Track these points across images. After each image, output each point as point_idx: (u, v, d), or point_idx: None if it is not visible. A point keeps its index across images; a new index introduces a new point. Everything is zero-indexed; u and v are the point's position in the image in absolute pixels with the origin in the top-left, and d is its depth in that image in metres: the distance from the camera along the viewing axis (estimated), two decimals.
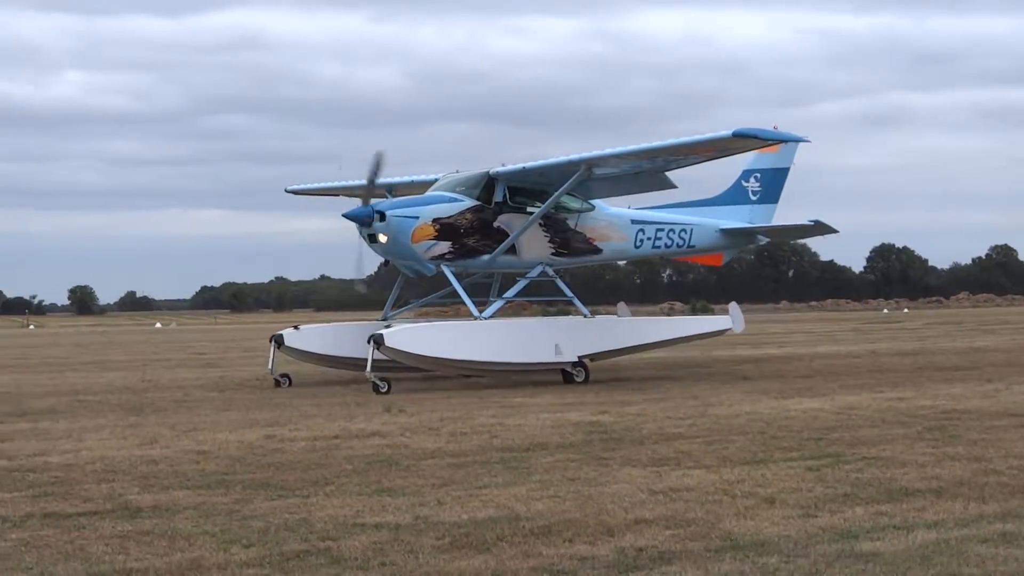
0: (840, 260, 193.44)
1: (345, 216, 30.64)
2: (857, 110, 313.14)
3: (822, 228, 37.55)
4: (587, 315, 33.29)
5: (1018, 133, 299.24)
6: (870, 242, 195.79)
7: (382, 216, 30.40)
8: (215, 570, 10.71)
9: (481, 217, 31.45)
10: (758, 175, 37.56)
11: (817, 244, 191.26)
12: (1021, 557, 10.63)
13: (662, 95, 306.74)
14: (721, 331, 36.34)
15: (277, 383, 31.10)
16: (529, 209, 31.81)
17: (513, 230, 31.54)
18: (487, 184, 31.71)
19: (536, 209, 31.62)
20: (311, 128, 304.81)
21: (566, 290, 32.73)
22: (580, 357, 31.18)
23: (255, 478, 15.65)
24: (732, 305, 36.09)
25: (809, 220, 37.49)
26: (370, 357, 28.58)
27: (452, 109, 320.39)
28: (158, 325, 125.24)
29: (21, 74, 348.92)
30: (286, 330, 33.04)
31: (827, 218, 36.40)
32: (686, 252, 36.91)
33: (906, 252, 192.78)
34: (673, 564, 10.62)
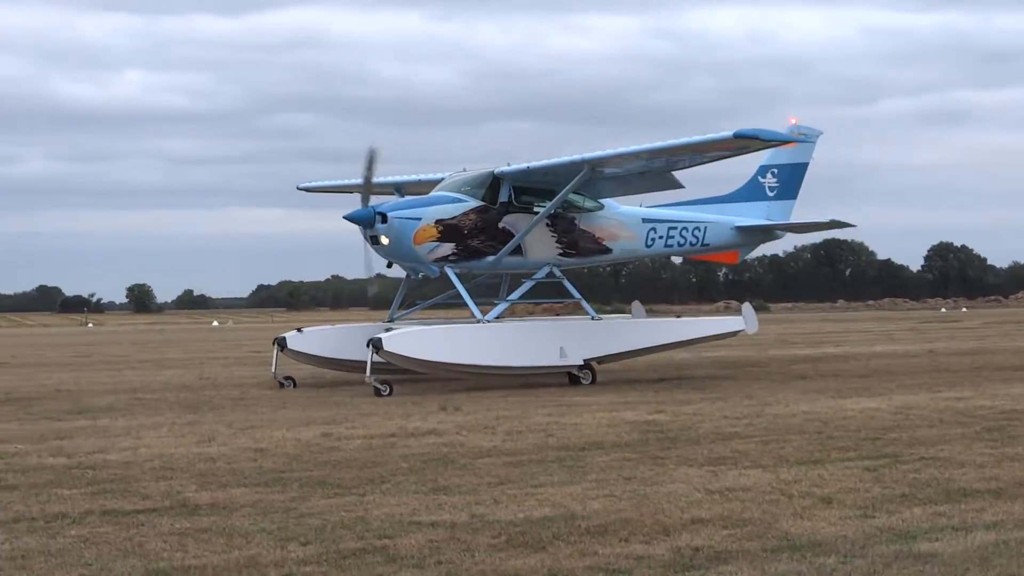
0: (897, 259, 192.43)
1: (346, 218, 30.10)
2: (920, 108, 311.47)
3: (838, 224, 37.32)
4: (594, 317, 32.53)
5: None
6: (928, 240, 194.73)
7: (384, 218, 29.79)
8: (272, 567, 10.76)
9: (486, 218, 30.78)
10: (775, 171, 36.78)
11: (874, 242, 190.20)
12: None
13: (723, 93, 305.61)
14: (734, 332, 35.11)
15: (281, 385, 30.69)
16: (535, 209, 31.14)
17: (519, 231, 30.96)
18: (492, 184, 31.04)
19: (543, 209, 31.00)
20: (370, 127, 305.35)
21: (573, 291, 32.10)
22: (586, 360, 30.59)
23: (312, 476, 15.70)
24: (745, 306, 35.28)
25: (823, 220, 37.62)
26: (369, 361, 28.08)
27: (511, 107, 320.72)
28: (215, 323, 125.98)
29: (84, 74, 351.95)
30: (289, 333, 32.64)
31: (885, 217, 36.29)
32: (700, 250, 35.98)
33: (964, 251, 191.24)
34: (730, 564, 10.59)
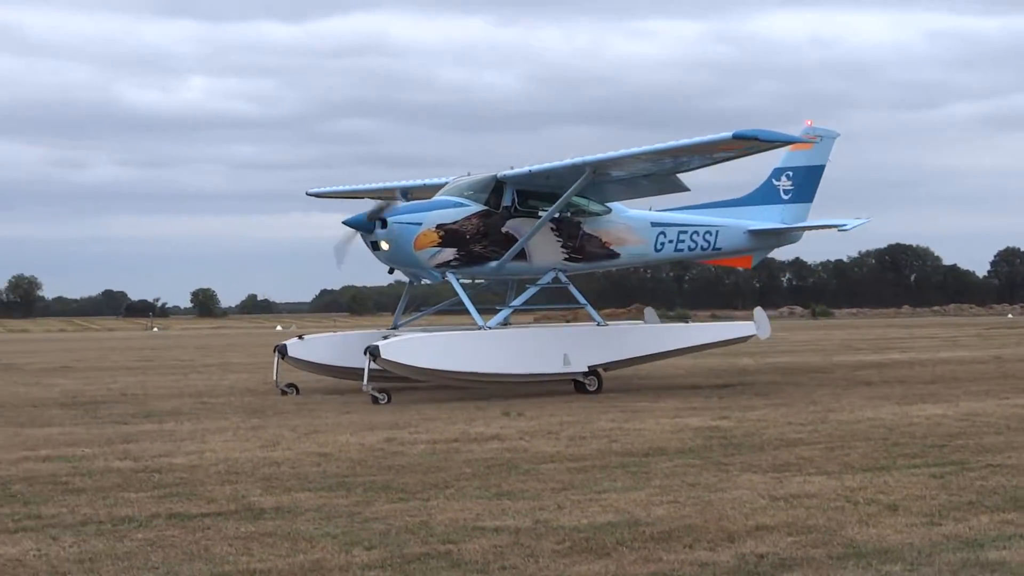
0: (963, 264, 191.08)
1: (345, 223, 29.70)
2: (986, 112, 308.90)
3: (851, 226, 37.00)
4: (600, 323, 31.82)
5: None
6: (995, 246, 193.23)
7: (384, 223, 29.33)
8: (337, 572, 10.80)
9: (488, 222, 30.22)
10: (790, 173, 36.05)
11: (940, 248, 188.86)
12: None
13: (786, 97, 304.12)
14: (745, 337, 34.19)
15: (283, 393, 30.40)
16: (540, 213, 30.51)
17: (522, 236, 30.36)
18: (495, 188, 30.50)
19: (547, 213, 30.46)
20: (432, 132, 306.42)
21: (580, 297, 31.47)
22: (591, 367, 29.97)
23: (376, 480, 15.75)
24: (757, 310, 34.41)
25: (838, 221, 37.20)
26: (366, 369, 27.64)
27: (573, 112, 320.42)
28: (278, 328, 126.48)
29: (150, 81, 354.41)
30: (290, 340, 32.28)
31: (951, 222, 35.90)
32: (712, 255, 35.35)
33: None
34: (795, 571, 10.55)
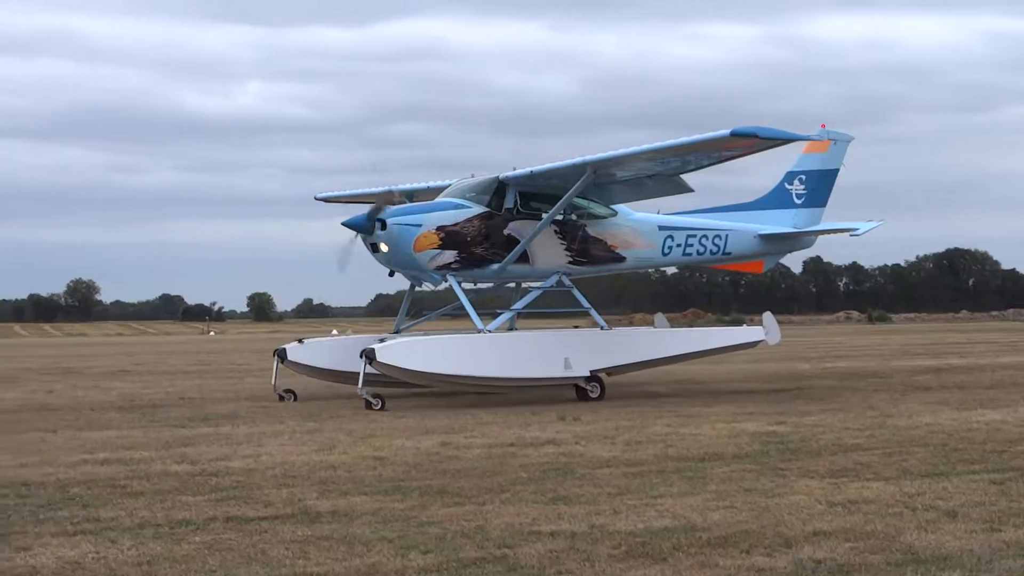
0: (1022, 269, 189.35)
1: (344, 225, 29.33)
2: None
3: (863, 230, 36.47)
4: (604, 327, 31.32)
5: None
6: None
7: (383, 224, 29.03)
8: None
9: (490, 224, 29.85)
10: (803, 177, 35.52)
11: (998, 252, 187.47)
12: None
13: (842, 100, 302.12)
14: (753, 343, 33.56)
15: (281, 398, 30.12)
16: (543, 215, 30.08)
17: (525, 238, 29.98)
18: (497, 189, 30.14)
19: (548, 215, 30.04)
20: (487, 136, 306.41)
21: (583, 300, 31.05)
22: (593, 371, 29.50)
23: (432, 485, 15.76)
24: (766, 315, 33.57)
25: (850, 224, 36.64)
26: (362, 372, 27.53)
27: (630, 116, 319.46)
28: (334, 332, 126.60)
29: (207, 86, 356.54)
30: (289, 344, 31.92)
31: (1010, 225, 35.42)
32: (722, 259, 34.64)
33: None
34: None
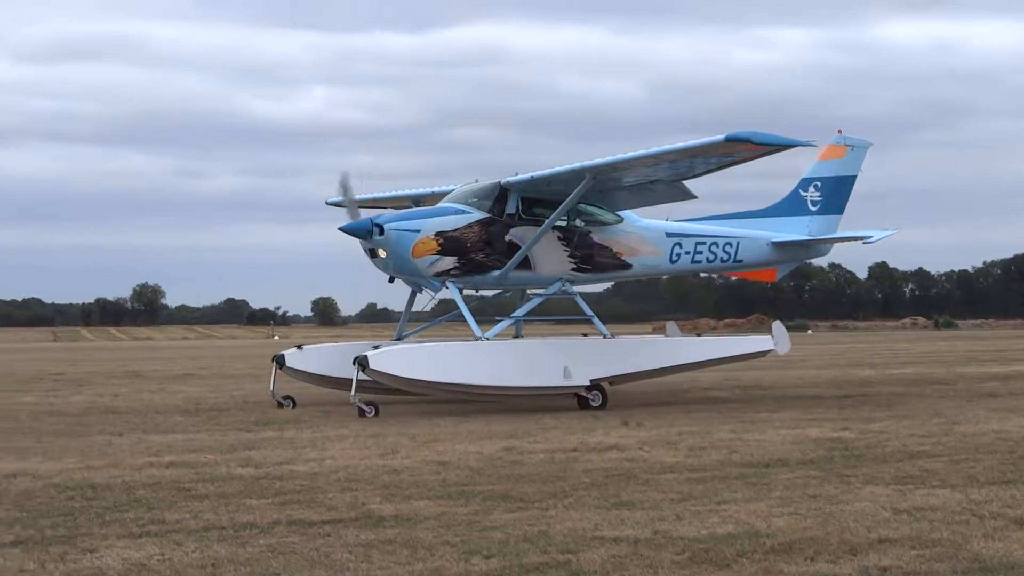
0: None
1: (342, 230, 28.88)
2: None
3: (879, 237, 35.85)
4: (606, 335, 30.72)
5: None
6: None
7: (381, 230, 28.55)
8: None
9: (491, 230, 29.41)
10: (818, 183, 34.73)
11: None
12: None
13: (907, 104, 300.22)
14: (761, 352, 32.46)
15: (280, 405, 29.89)
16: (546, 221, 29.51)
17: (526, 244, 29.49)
18: (499, 195, 29.66)
19: (548, 220, 29.44)
20: (551, 141, 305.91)
21: (585, 308, 30.71)
22: (593, 380, 28.88)
23: (495, 489, 15.76)
24: (776, 324, 32.56)
25: (863, 232, 35.79)
26: (354, 380, 27.01)
27: (692, 120, 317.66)
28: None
29: (270, 91, 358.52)
30: (288, 350, 31.65)
31: None
32: (732, 267, 33.99)
33: None
34: None
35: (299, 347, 31.88)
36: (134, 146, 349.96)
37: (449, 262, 29.20)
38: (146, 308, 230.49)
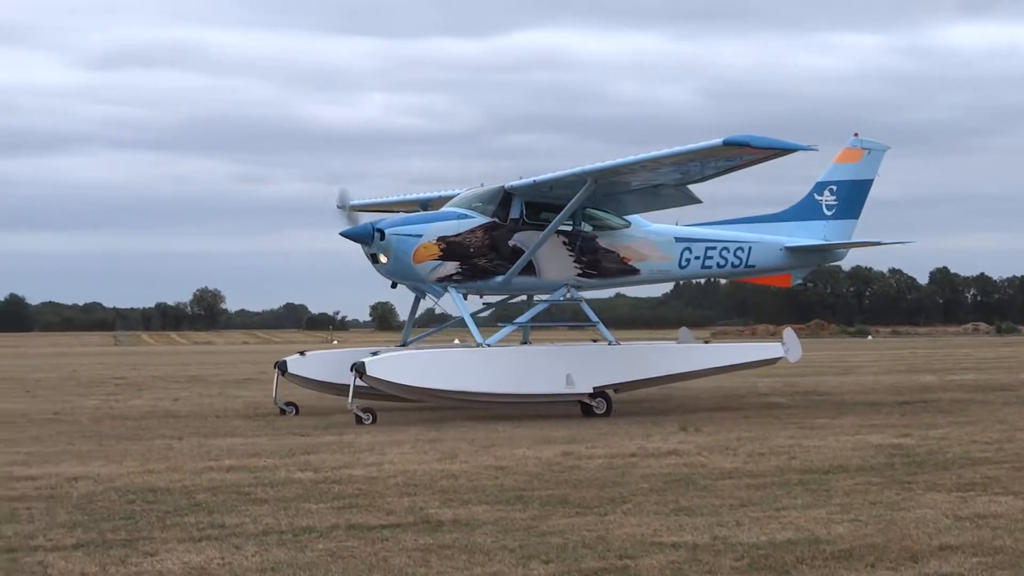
0: None
1: (343, 235, 28.68)
2: None
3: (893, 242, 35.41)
4: (612, 341, 30.31)
5: None
6: None
7: (382, 235, 28.29)
8: None
9: (495, 235, 28.98)
10: (834, 187, 34.28)
11: None
12: None
13: (971, 109, 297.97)
14: (771, 360, 31.92)
15: (282, 412, 29.63)
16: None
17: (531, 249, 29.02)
18: (503, 199, 29.25)
19: (550, 225, 28.96)
20: (606, 146, 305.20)
21: (591, 314, 30.27)
22: (597, 388, 28.45)
23: (553, 494, 15.74)
24: (787, 331, 32.13)
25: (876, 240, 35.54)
26: (351, 386, 26.88)
27: (749, 126, 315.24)
28: (456, 341, 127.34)
29: (329, 97, 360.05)
30: (290, 357, 31.16)
31: None
32: (744, 272, 33.41)
33: None
34: None
35: (302, 353, 31.56)
36: (195, 152, 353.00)
37: (451, 267, 28.84)
38: (206, 313, 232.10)
